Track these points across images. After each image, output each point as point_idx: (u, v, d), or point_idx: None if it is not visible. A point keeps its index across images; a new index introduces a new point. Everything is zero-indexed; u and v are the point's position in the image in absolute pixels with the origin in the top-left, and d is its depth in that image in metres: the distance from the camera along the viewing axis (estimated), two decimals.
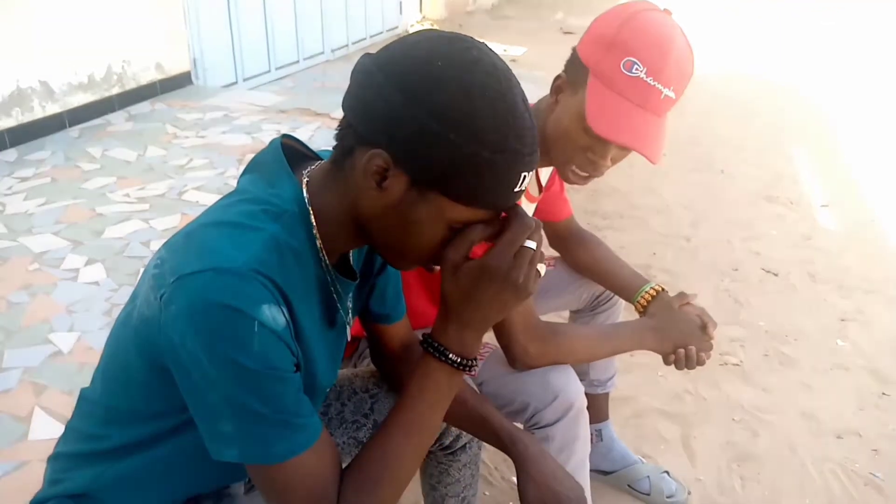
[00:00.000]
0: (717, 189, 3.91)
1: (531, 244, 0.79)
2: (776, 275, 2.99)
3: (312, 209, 0.81)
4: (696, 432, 2.02)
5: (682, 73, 1.13)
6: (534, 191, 1.41)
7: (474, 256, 0.79)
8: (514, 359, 1.24)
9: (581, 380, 1.71)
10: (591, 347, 1.33)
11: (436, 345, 0.83)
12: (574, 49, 1.19)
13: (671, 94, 1.12)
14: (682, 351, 1.32)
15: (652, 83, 1.10)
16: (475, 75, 0.71)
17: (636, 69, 1.09)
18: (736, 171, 4.19)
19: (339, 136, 0.78)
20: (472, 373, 0.85)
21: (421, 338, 0.85)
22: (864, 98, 6.07)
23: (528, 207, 1.41)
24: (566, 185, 1.46)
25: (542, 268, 0.81)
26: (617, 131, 1.11)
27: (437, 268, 0.86)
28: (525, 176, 0.77)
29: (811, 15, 10.66)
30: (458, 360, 0.83)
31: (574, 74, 1.17)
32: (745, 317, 2.64)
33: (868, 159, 4.55)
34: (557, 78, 1.20)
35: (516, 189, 0.77)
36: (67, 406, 1.75)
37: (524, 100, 0.76)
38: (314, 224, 0.81)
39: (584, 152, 1.18)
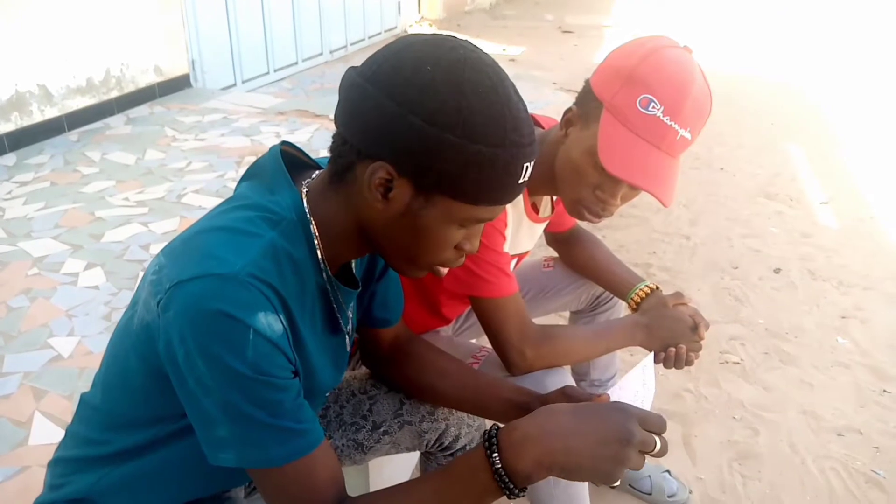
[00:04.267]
0: (716, 187, 3.91)
1: (656, 447, 0.74)
2: (776, 272, 2.99)
3: (313, 219, 0.80)
4: (696, 431, 2.02)
5: (700, 115, 1.08)
6: (546, 212, 1.40)
7: None
8: (512, 364, 1.22)
9: (582, 380, 1.73)
10: (586, 347, 1.32)
11: (495, 440, 0.75)
12: (587, 81, 1.15)
13: (687, 135, 1.07)
14: (672, 350, 1.31)
15: (668, 123, 1.05)
16: (464, 73, 0.71)
17: (653, 107, 1.05)
18: (735, 169, 4.19)
19: (337, 153, 0.78)
20: (510, 496, 0.75)
21: (492, 428, 0.77)
22: (863, 94, 6.08)
23: (538, 228, 1.41)
24: None
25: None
26: (629, 170, 1.07)
27: (446, 271, 0.85)
28: (527, 166, 0.76)
29: (805, 6, 10.61)
30: (501, 466, 0.73)
31: (586, 108, 1.12)
32: (745, 315, 2.64)
33: (867, 156, 4.55)
34: (568, 111, 1.15)
35: (521, 181, 0.76)
36: (67, 411, 1.75)
37: (516, 91, 0.75)
38: (315, 234, 0.81)
39: (592, 190, 1.14)
